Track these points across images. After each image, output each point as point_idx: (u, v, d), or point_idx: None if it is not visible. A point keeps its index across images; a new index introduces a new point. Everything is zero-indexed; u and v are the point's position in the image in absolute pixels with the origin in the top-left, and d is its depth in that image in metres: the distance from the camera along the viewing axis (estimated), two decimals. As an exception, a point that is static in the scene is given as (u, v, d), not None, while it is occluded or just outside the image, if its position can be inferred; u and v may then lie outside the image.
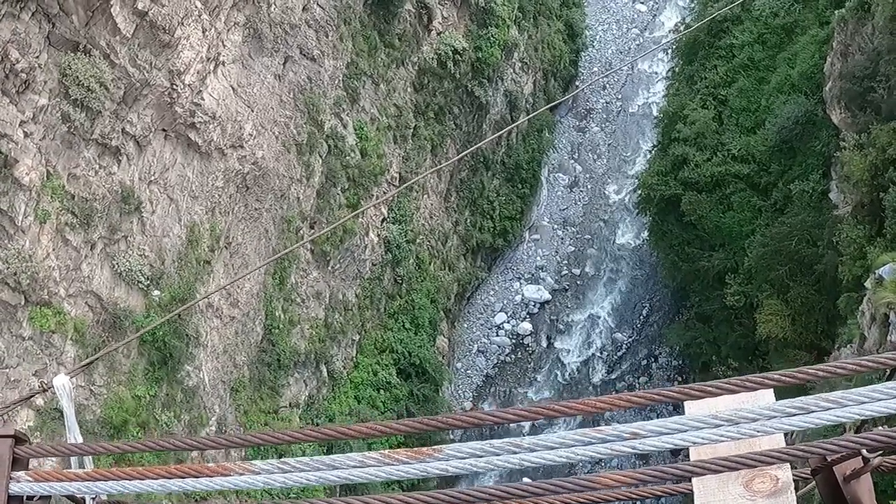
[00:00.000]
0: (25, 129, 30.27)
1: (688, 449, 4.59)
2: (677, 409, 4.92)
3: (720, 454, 4.46)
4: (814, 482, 5.03)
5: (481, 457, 4.31)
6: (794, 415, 4.29)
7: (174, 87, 35.45)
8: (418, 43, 54.08)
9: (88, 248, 33.83)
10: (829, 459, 4.85)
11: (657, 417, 5.02)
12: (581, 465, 55.27)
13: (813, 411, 4.29)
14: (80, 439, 5.99)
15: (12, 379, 30.54)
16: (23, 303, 31.10)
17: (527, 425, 53.37)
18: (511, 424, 56.96)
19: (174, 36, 34.57)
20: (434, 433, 52.88)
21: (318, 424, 46.70)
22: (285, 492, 38.33)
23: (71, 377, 6.08)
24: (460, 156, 38.72)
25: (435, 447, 4.42)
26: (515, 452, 4.31)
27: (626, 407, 4.56)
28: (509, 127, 61.26)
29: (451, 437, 57.10)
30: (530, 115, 62.32)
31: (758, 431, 4.23)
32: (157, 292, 36.76)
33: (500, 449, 4.32)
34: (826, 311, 42.97)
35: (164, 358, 37.01)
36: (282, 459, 4.44)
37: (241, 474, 4.44)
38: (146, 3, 33.12)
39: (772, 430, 4.22)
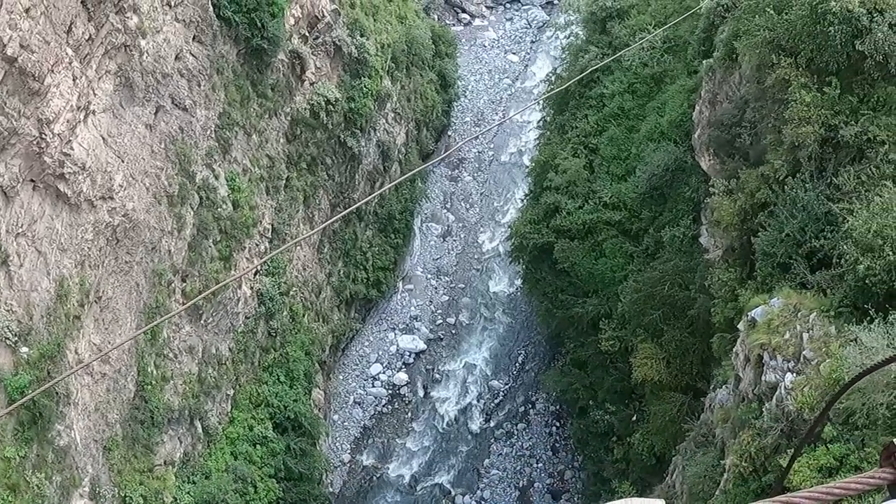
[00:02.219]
0: None
1: None
2: None
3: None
4: None
5: None
6: None
7: (43, 136, 34.42)
8: (291, 93, 53.77)
9: (-47, 304, 32.51)
10: None
11: None
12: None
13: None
14: None
15: None
16: None
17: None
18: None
19: (44, 84, 33.63)
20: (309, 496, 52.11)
21: (194, 482, 45.64)
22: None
23: None
24: (342, 214, 38.61)
25: None
26: None
27: None
28: (395, 181, 61.36)
29: (330, 489, 56.47)
30: (412, 172, 62.58)
31: None
32: (25, 349, 35.41)
33: None
34: (700, 352, 43.69)
35: (34, 417, 35.57)
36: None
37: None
38: (15, 49, 32.16)
39: None
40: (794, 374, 28.90)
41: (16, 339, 34.89)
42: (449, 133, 76.28)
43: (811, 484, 26.02)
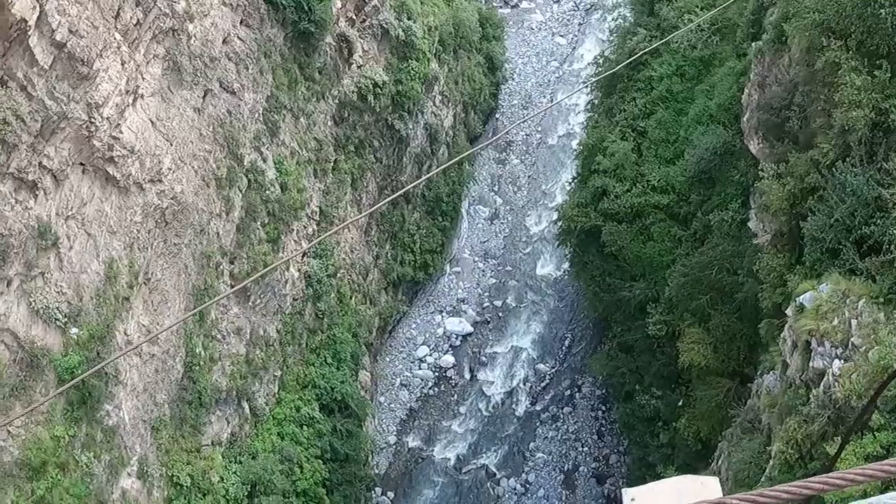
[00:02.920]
0: (-61, 163, 29.45)
1: None
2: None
3: None
4: None
5: None
6: None
7: (92, 120, 34.78)
8: (339, 76, 53.89)
9: (4, 285, 32.92)
10: None
11: None
12: None
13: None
14: None
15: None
16: (-64, 342, 30.16)
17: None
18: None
19: (92, 68, 33.96)
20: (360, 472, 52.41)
21: (240, 462, 46.05)
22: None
23: None
24: (391, 198, 38.43)
25: None
26: None
27: None
28: (443, 165, 61.20)
29: (376, 471, 56.79)
30: (461, 156, 62.48)
31: None
32: (75, 330, 35.87)
33: None
34: (747, 338, 43.33)
35: (84, 397, 36.08)
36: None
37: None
38: (64, 34, 32.50)
39: None
40: (842, 361, 28.60)
41: (66, 320, 35.35)
42: (496, 116, 76.12)
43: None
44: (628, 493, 5.03)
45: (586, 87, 65.85)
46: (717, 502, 3.87)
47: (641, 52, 48.61)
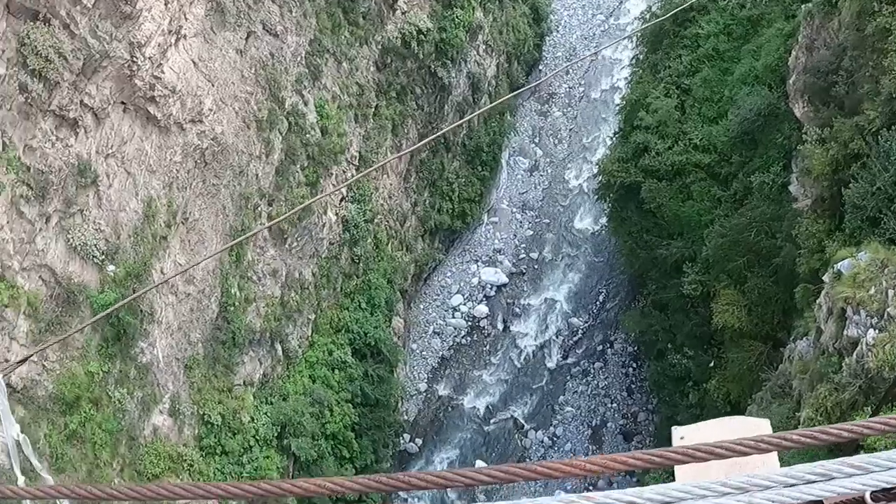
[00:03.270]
0: (-19, 99, 29.65)
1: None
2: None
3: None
4: None
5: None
6: (814, 482, 3.71)
7: (134, 59, 34.86)
8: (382, 22, 53.60)
9: (43, 222, 33.26)
10: None
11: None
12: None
13: (834, 478, 3.74)
14: (14, 432, 5.73)
15: (-38, 354, 29.99)
16: (-26, 276, 30.54)
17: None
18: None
19: (136, 7, 33.97)
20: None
21: (271, 403, 46.46)
22: None
23: (3, 374, 5.82)
24: (428, 140, 38.10)
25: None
26: None
27: (621, 470, 3.84)
28: (479, 111, 60.82)
29: (405, 417, 57.08)
30: (502, 99, 62.00)
31: (771, 502, 3.66)
32: (111, 267, 36.24)
33: None
34: (782, 302, 43.08)
35: (118, 334, 36.52)
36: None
37: None
38: (108, -27, 32.55)
39: (788, 500, 3.69)
40: (877, 331, 28.36)
41: (103, 257, 35.70)
42: (540, 68, 75.52)
43: (885, 445, 25.70)
44: (678, 432, 4.95)
45: (630, 37, 64.96)
46: (777, 436, 3.80)
47: (687, 3, 47.85)
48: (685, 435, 5.06)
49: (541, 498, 3.90)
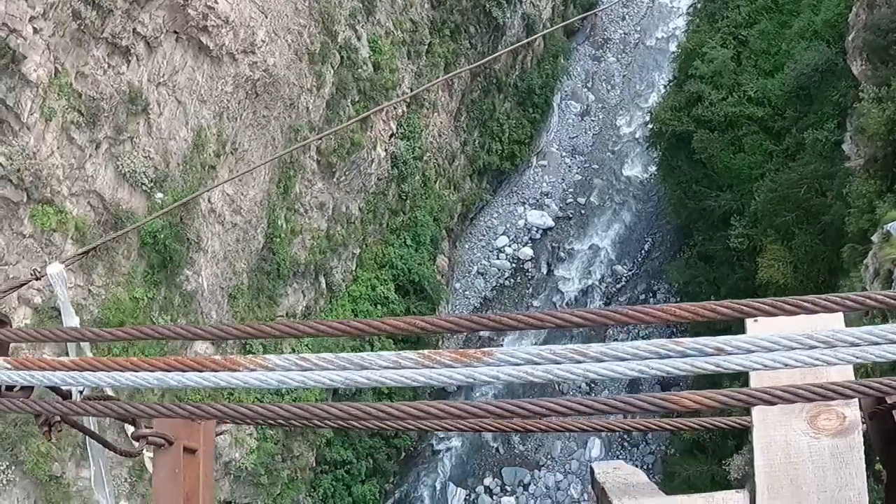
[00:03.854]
0: (35, 25, 29.82)
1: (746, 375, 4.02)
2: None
3: (783, 383, 3.76)
4: (867, 426, 4.41)
5: (539, 363, 3.63)
6: (879, 343, 3.51)
7: (189, -12, 34.93)
8: (439, -43, 53.24)
9: (93, 148, 33.59)
10: (888, 402, 4.24)
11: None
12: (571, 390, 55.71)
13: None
14: (74, 323, 5.88)
15: (11, 276, 30.45)
16: (25, 200, 30.98)
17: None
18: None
19: (192, -63, 33.99)
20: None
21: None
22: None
23: (66, 266, 5.95)
24: (466, 68, 37.84)
25: (485, 350, 3.74)
26: (579, 362, 3.64)
27: (710, 318, 3.76)
28: (524, 41, 60.09)
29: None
30: (550, 29, 61.43)
31: (831, 360, 3.52)
32: (160, 195, 36.57)
33: (562, 357, 3.64)
34: (829, 261, 42.76)
35: (164, 261, 36.94)
36: (301, 356, 3.77)
37: (253, 370, 3.79)
38: None
39: (847, 359, 3.54)
40: (921, 296, 28.13)
41: (151, 185, 36.05)
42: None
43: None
44: None
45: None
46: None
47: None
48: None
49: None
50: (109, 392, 4.86)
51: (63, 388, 4.36)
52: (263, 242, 44.19)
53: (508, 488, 54.37)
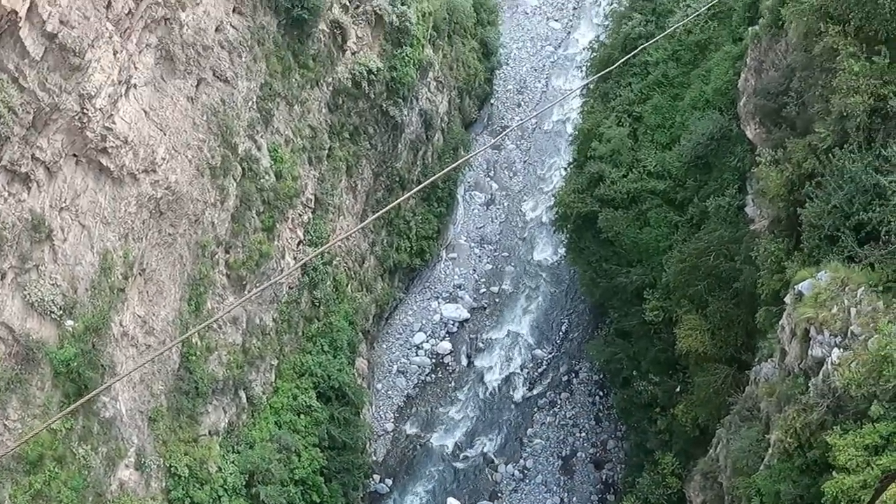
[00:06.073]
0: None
1: None
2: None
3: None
4: None
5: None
6: None
7: (85, 111, 34.52)
8: (333, 63, 53.53)
9: (-1, 279, 32.77)
10: None
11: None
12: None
13: None
14: None
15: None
16: (-70, 337, 29.97)
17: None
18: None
19: (84, 59, 33.67)
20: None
21: (238, 451, 45.96)
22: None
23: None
24: (400, 200, 38.23)
25: None
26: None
27: None
28: (459, 161, 60.22)
29: (374, 458, 56.71)
30: (475, 153, 62.06)
31: None
32: (70, 322, 35.73)
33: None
34: (745, 324, 43.20)
35: (80, 389, 35.90)
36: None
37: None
38: (55, 25, 32.21)
39: None
40: (841, 350, 28.46)
41: (61, 312, 35.22)
42: (491, 101, 75.86)
43: (856, 463, 25.73)
44: None
45: (584, 87, 64.75)
46: None
47: (641, 47, 47.93)
48: None
49: None
50: None
51: None
52: (179, 362, 43.37)
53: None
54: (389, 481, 56.90)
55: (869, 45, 33.28)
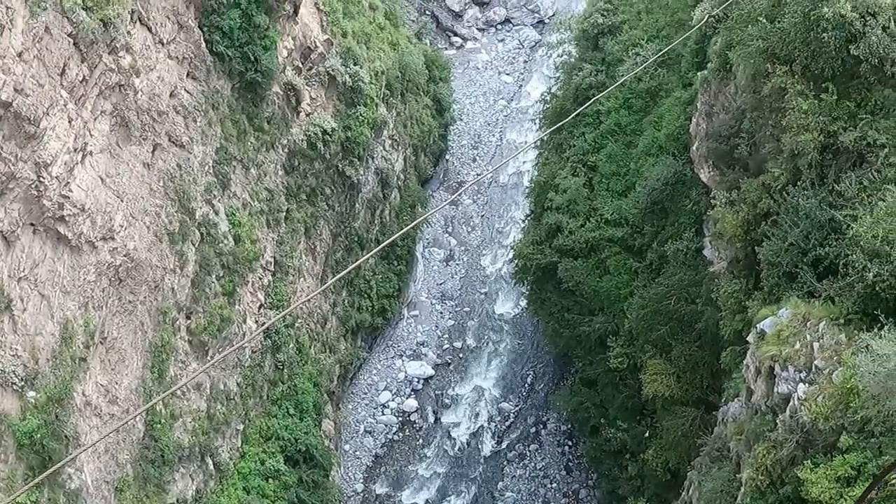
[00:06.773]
0: None
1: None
2: None
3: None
4: None
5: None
6: None
7: (41, 179, 34.37)
8: (287, 125, 53.69)
9: (-42, 352, 32.35)
10: None
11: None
12: None
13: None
14: None
15: None
16: None
17: None
18: None
19: (39, 127, 33.59)
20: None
21: (207, 520, 45.36)
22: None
23: None
24: (360, 261, 38.26)
25: None
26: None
27: None
28: (418, 220, 60.23)
29: None
30: (433, 210, 62.19)
31: None
32: (32, 393, 35.30)
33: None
34: (710, 366, 43.39)
35: (44, 461, 35.38)
36: None
37: None
38: (10, 93, 32.15)
39: None
40: (807, 385, 28.60)
41: (22, 383, 34.80)
42: (447, 157, 76.26)
43: (829, 496, 25.79)
44: None
45: (539, 139, 65.19)
46: None
47: (594, 100, 48.49)
48: None
49: None
50: None
51: None
52: (144, 430, 42.94)
53: None
54: (361, 542, 56.47)
55: (816, 83, 33.79)
